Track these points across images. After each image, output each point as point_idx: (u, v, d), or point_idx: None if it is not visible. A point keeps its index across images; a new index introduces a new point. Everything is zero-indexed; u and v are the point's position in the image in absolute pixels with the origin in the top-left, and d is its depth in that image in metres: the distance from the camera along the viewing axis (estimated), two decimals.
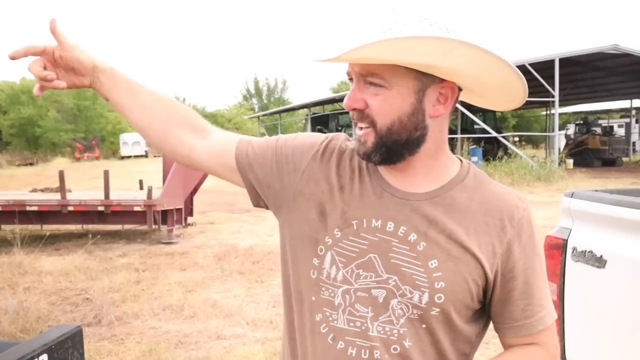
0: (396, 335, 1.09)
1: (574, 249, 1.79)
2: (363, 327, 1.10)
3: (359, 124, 1.08)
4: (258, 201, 1.26)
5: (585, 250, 1.73)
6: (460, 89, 1.11)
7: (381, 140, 1.06)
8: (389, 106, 1.04)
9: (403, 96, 1.04)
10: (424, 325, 1.09)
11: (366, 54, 0.97)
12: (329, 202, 1.15)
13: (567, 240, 1.83)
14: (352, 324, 1.11)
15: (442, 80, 1.06)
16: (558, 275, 1.83)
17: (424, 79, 1.04)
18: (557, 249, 1.84)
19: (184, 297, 5.87)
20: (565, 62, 19.96)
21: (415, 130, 1.06)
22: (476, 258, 1.08)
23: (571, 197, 1.86)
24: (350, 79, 1.09)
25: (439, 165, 1.13)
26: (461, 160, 1.19)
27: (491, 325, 1.21)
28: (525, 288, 1.11)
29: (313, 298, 1.15)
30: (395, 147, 1.07)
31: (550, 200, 13.02)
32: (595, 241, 1.73)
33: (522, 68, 19.57)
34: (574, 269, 1.80)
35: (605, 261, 1.66)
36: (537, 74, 19.21)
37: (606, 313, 1.71)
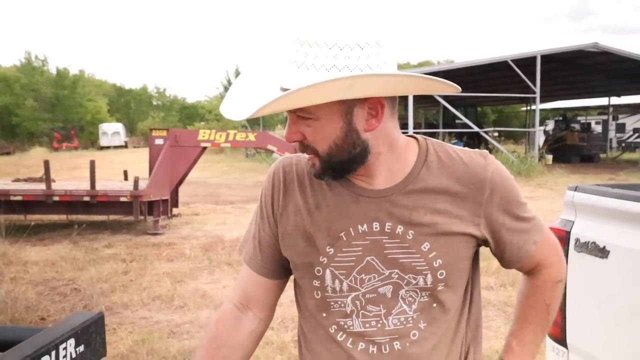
0: (411, 322, 1.16)
1: (577, 240, 1.87)
2: (379, 325, 1.16)
3: (304, 152, 1.13)
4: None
5: (588, 242, 1.81)
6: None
7: (326, 164, 1.10)
8: (321, 135, 1.07)
9: (332, 123, 1.06)
10: (435, 305, 1.16)
11: (275, 109, 1.00)
12: (311, 226, 1.18)
13: (570, 232, 1.91)
14: (367, 325, 1.16)
15: (367, 98, 1.06)
16: None
17: (348, 102, 1.05)
18: (560, 241, 1.92)
19: (173, 287, 5.89)
20: (547, 59, 20.23)
21: (354, 148, 1.09)
22: (462, 227, 1.15)
23: (575, 190, 1.94)
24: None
25: (397, 157, 1.16)
26: (416, 138, 1.22)
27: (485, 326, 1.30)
28: (515, 226, 1.19)
29: (324, 314, 1.20)
30: (341, 166, 1.11)
31: (531, 195, 13.21)
32: (598, 233, 1.81)
33: (504, 64, 19.85)
34: (576, 259, 1.88)
35: (608, 252, 1.74)
36: (518, 70, 19.45)
37: (608, 300, 1.79)
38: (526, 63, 19.75)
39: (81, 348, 1.41)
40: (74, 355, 1.38)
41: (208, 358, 1.26)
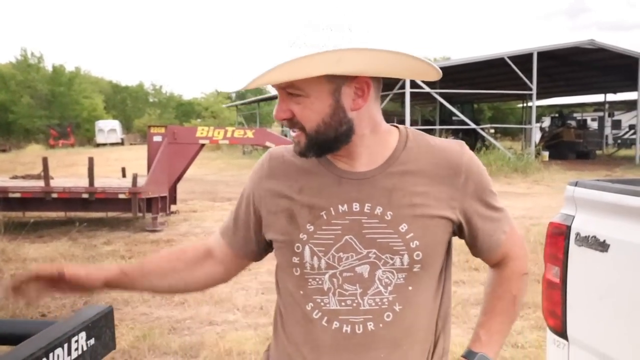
0: (387, 303, 1.20)
1: (578, 234, 1.91)
2: (354, 304, 1.20)
3: (292, 129, 1.19)
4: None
5: (589, 236, 1.85)
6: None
7: (312, 141, 1.16)
8: (310, 112, 1.14)
9: (321, 100, 1.13)
10: (410, 288, 1.20)
11: (267, 80, 1.07)
12: (295, 206, 1.24)
13: (570, 227, 1.95)
14: (343, 304, 1.21)
15: (355, 77, 1.14)
16: (561, 260, 1.95)
17: (336, 80, 1.12)
18: (560, 235, 1.96)
19: None
20: (543, 55, 20.29)
21: (341, 126, 1.16)
22: (439, 210, 1.20)
23: (575, 185, 1.97)
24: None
25: (379, 141, 1.23)
26: (397, 127, 1.29)
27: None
28: (486, 214, 1.25)
29: (301, 292, 1.25)
30: (326, 144, 1.17)
31: (527, 192, 13.29)
32: (599, 227, 1.85)
33: (500, 61, 19.88)
34: (577, 253, 1.91)
35: (609, 245, 1.77)
36: (515, 67, 19.50)
37: (608, 293, 1.83)
38: (523, 60, 19.80)
39: (92, 341, 1.43)
40: (85, 348, 1.40)
41: (167, 256, 1.44)
